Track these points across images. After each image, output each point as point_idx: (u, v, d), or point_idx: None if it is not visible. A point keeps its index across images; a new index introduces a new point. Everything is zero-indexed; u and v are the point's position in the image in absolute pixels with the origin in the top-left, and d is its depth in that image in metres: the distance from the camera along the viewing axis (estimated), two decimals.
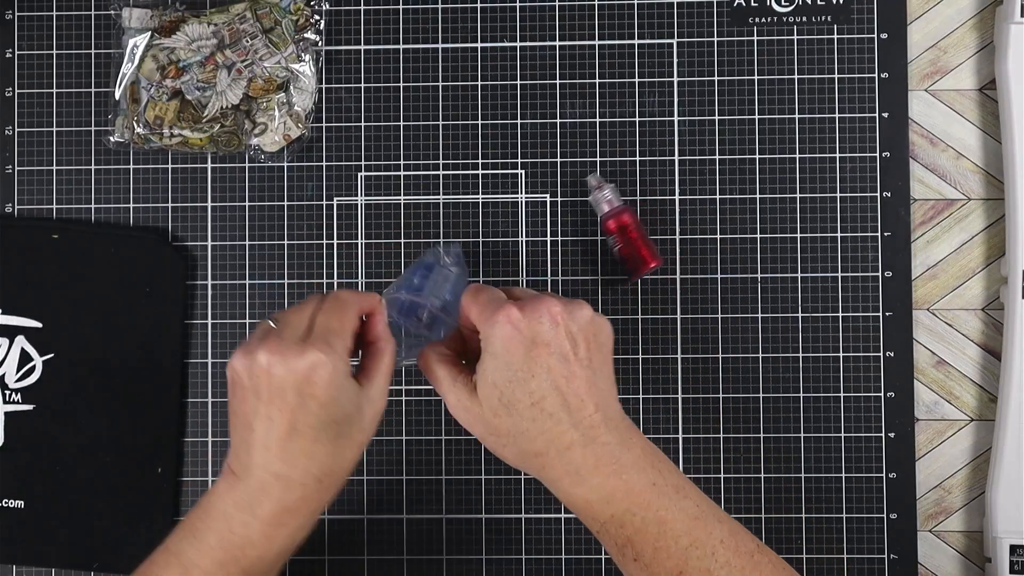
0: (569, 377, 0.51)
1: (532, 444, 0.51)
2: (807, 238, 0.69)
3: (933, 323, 0.69)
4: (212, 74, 0.68)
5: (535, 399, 0.51)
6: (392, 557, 0.69)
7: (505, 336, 0.51)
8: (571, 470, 0.51)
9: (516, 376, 0.51)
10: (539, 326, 0.51)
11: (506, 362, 0.51)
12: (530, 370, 0.50)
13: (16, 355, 0.69)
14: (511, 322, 0.50)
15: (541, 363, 0.50)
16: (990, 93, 0.70)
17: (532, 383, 0.51)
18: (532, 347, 0.50)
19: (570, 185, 0.70)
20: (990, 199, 0.70)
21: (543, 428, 0.51)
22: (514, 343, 0.50)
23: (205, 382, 0.70)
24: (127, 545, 0.68)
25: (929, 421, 0.69)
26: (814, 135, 0.69)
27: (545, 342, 0.50)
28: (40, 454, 0.68)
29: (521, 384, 0.51)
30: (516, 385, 0.51)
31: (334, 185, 0.70)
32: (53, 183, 0.71)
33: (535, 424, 0.51)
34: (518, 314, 0.51)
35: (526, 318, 0.51)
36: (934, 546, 0.69)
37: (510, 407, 0.51)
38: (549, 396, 0.51)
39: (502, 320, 0.51)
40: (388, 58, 0.70)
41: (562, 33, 0.70)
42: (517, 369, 0.51)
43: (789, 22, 0.70)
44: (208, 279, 0.70)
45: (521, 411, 0.51)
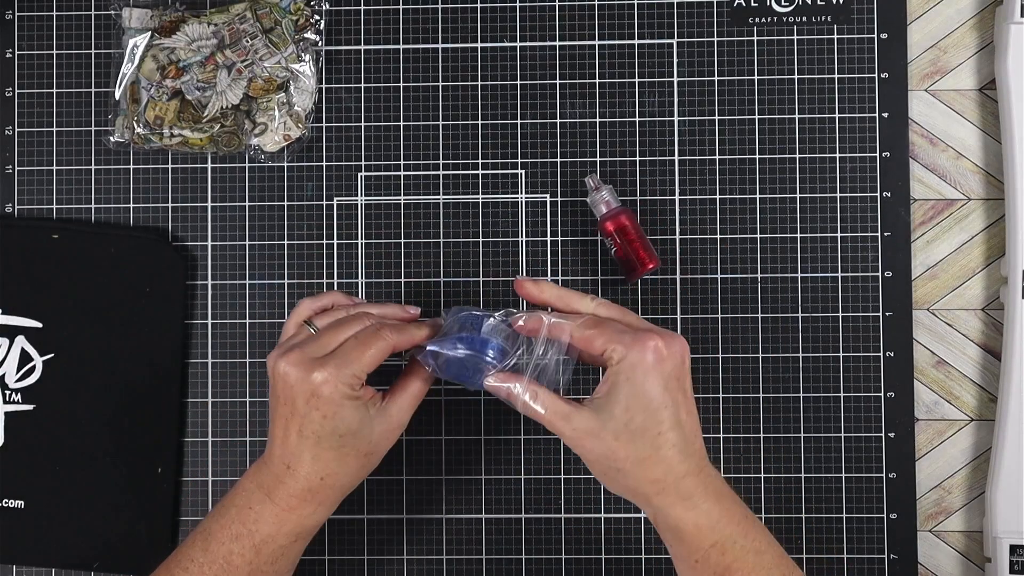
0: (688, 412, 0.55)
1: (651, 471, 0.54)
2: (807, 238, 0.69)
3: (933, 323, 0.69)
4: (212, 74, 0.68)
5: (662, 429, 0.53)
6: (392, 557, 0.69)
7: (649, 365, 0.53)
8: (684, 496, 0.54)
9: (650, 405, 0.53)
10: (676, 361, 0.54)
11: (643, 391, 0.53)
12: (663, 402, 0.53)
13: (16, 355, 0.69)
14: (657, 353, 0.53)
15: (673, 396, 0.54)
16: (990, 93, 0.70)
17: (663, 413, 0.53)
18: (669, 380, 0.54)
19: (570, 185, 0.70)
20: (990, 199, 0.70)
21: (663, 456, 0.54)
22: (655, 373, 0.53)
23: (205, 382, 0.70)
24: (127, 545, 0.68)
25: (929, 421, 0.69)
26: (814, 135, 0.69)
27: (677, 376, 0.54)
28: (40, 454, 0.68)
29: (653, 414, 0.53)
30: (648, 414, 0.53)
31: (334, 185, 0.70)
32: (53, 183, 0.71)
33: (658, 453, 0.54)
34: (663, 344, 0.54)
35: (668, 349, 0.54)
36: (934, 546, 0.69)
37: (636, 433, 0.54)
38: (674, 428, 0.54)
39: (650, 348, 0.53)
40: (388, 58, 0.70)
41: (562, 33, 0.70)
42: (652, 398, 0.53)
43: (789, 22, 0.70)
44: (208, 279, 0.70)
45: (647, 439, 0.54)
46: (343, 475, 0.56)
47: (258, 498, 0.56)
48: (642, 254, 0.66)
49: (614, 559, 0.68)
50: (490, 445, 0.69)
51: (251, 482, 0.57)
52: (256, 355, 0.70)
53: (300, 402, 0.54)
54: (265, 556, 0.56)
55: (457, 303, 0.69)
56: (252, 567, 0.56)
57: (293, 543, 0.57)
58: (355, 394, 0.55)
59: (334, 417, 0.54)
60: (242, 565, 0.56)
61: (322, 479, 0.55)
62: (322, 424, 0.54)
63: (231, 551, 0.56)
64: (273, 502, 0.56)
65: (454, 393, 0.69)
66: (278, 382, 0.55)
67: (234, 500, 0.57)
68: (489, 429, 0.69)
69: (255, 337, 0.70)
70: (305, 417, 0.54)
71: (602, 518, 0.69)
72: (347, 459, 0.55)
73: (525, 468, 0.69)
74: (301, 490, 0.55)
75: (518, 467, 0.69)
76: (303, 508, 0.56)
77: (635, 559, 0.68)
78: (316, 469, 0.55)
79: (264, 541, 0.56)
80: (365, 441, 0.56)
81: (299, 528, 0.56)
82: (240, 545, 0.56)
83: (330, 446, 0.55)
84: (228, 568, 0.56)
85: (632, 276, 0.67)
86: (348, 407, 0.54)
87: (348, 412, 0.54)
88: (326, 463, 0.55)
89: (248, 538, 0.56)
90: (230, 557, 0.56)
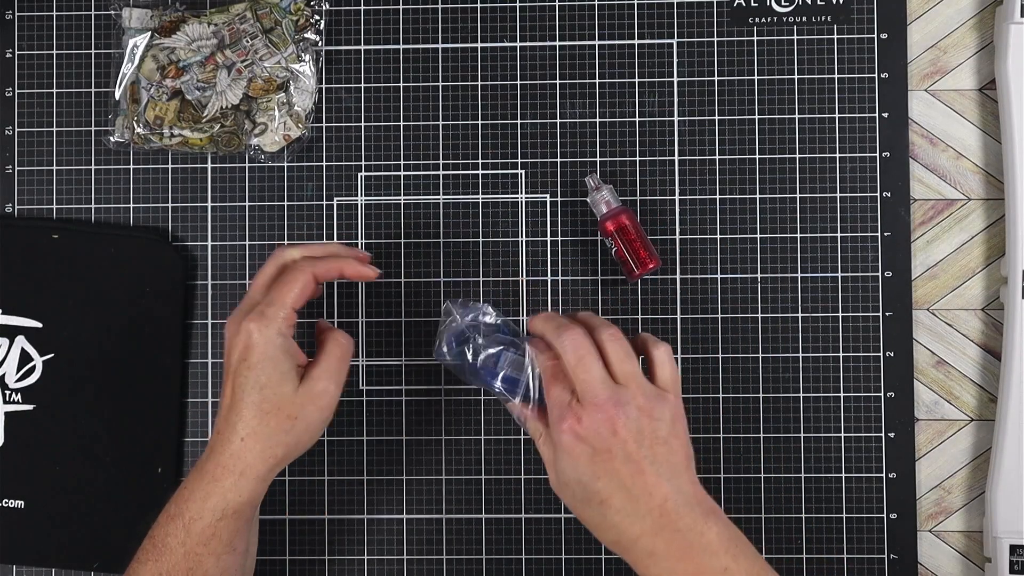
0: (635, 474, 0.53)
1: (606, 534, 0.55)
2: (807, 238, 0.69)
3: (933, 323, 0.69)
4: (212, 74, 0.68)
5: (602, 498, 0.53)
6: (392, 557, 0.69)
7: (569, 445, 0.54)
8: (643, 555, 0.53)
9: (583, 479, 0.54)
10: (597, 436, 0.53)
11: (573, 466, 0.54)
12: (595, 474, 0.53)
13: (16, 355, 0.69)
14: (573, 433, 0.54)
15: (605, 467, 0.53)
16: (990, 93, 0.70)
17: (598, 484, 0.53)
18: (595, 455, 0.53)
19: (570, 185, 0.70)
20: (990, 199, 0.70)
21: (612, 523, 0.54)
22: (578, 451, 0.54)
23: (205, 382, 0.70)
24: (127, 545, 0.68)
25: (929, 421, 0.69)
26: (814, 135, 0.69)
27: (606, 448, 0.53)
28: (40, 454, 0.68)
29: (588, 485, 0.54)
30: (584, 486, 0.54)
31: (334, 185, 0.70)
32: (53, 183, 0.71)
33: (605, 519, 0.54)
34: (577, 426, 0.54)
35: (586, 427, 0.53)
36: (934, 546, 0.69)
37: (583, 503, 0.54)
38: (615, 495, 0.53)
39: (566, 430, 0.54)
40: (388, 58, 0.70)
41: (562, 33, 0.70)
42: (583, 473, 0.54)
43: (789, 22, 0.70)
44: (208, 279, 0.70)
45: (592, 508, 0.54)
46: (263, 437, 0.55)
47: (192, 476, 0.56)
48: (642, 254, 0.66)
49: (614, 559, 0.68)
50: (490, 445, 0.69)
51: (194, 466, 0.58)
52: None
53: (235, 357, 0.56)
54: (195, 536, 0.55)
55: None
56: (185, 548, 0.55)
57: (219, 520, 0.55)
58: (285, 342, 0.56)
59: (259, 366, 0.55)
60: (176, 547, 0.55)
61: (242, 440, 0.55)
62: (247, 376, 0.55)
63: (167, 532, 0.56)
64: (200, 475, 0.56)
65: (454, 393, 0.69)
66: (225, 343, 0.57)
67: (185, 481, 0.57)
68: (489, 429, 0.69)
69: None
70: (236, 372, 0.56)
71: None
72: (267, 418, 0.55)
73: (525, 468, 0.69)
74: (226, 457, 0.55)
75: (518, 467, 0.69)
76: (225, 478, 0.55)
77: None
78: (239, 429, 0.55)
79: (192, 519, 0.55)
80: (287, 400, 0.56)
81: (223, 503, 0.55)
82: (174, 525, 0.56)
83: (252, 401, 0.55)
84: (165, 551, 0.55)
85: (632, 276, 0.67)
86: (273, 356, 0.55)
87: (272, 362, 0.55)
88: (247, 421, 0.55)
89: (179, 517, 0.56)
90: (166, 539, 0.55)
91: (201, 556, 0.55)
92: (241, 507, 0.56)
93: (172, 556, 0.55)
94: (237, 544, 0.57)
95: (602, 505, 0.53)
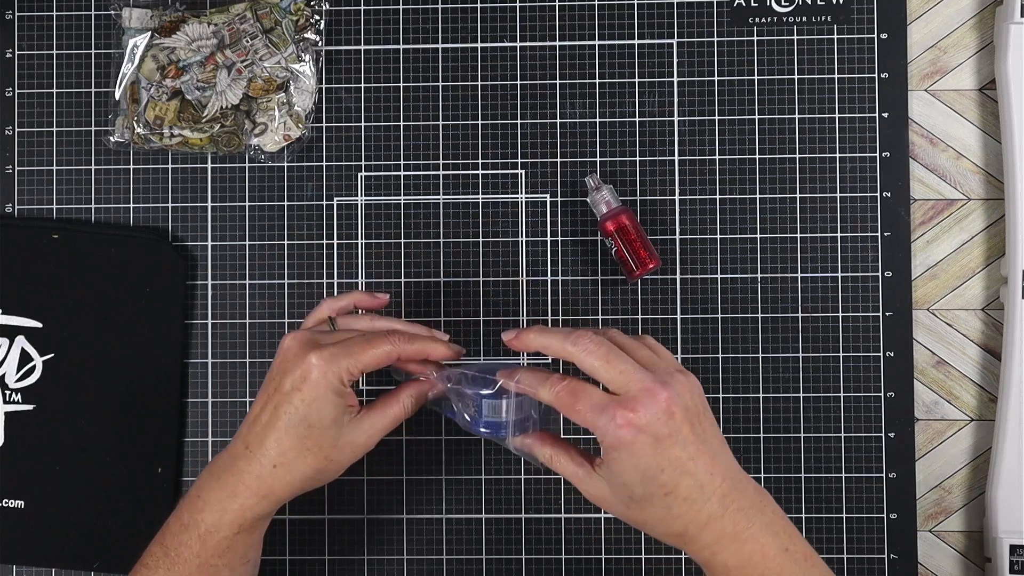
0: (696, 456, 0.52)
1: (671, 527, 0.53)
2: (807, 238, 0.69)
3: (933, 323, 0.69)
4: (212, 74, 0.68)
5: (668, 489, 0.52)
6: (392, 557, 0.69)
7: (629, 440, 0.51)
8: (711, 541, 0.52)
9: (646, 474, 0.52)
10: (656, 422, 0.51)
11: (633, 464, 0.52)
12: (659, 465, 0.52)
13: (16, 355, 0.69)
14: (632, 426, 0.51)
15: (668, 456, 0.52)
16: (990, 93, 0.70)
17: (663, 476, 0.52)
18: (657, 443, 0.51)
19: (570, 185, 0.70)
20: (990, 199, 0.70)
21: (679, 512, 0.52)
22: (640, 444, 0.51)
23: (205, 382, 0.70)
24: (127, 545, 0.68)
25: (929, 421, 0.69)
26: (814, 135, 0.69)
27: (667, 434, 0.51)
28: (40, 454, 0.68)
29: (651, 481, 0.52)
30: (648, 482, 0.52)
31: (334, 185, 0.70)
32: (53, 183, 0.71)
33: (671, 511, 0.52)
34: (633, 416, 0.51)
35: (642, 417, 0.51)
36: (934, 546, 0.69)
37: (643, 502, 0.52)
38: (681, 482, 0.52)
39: (623, 425, 0.51)
40: (388, 58, 0.70)
41: (562, 33, 0.70)
42: (646, 468, 0.52)
43: (789, 22, 0.70)
44: (208, 279, 0.70)
45: (656, 502, 0.52)
46: (295, 470, 0.55)
47: (208, 485, 0.56)
48: (642, 254, 0.66)
49: (614, 559, 0.68)
50: (490, 445, 0.69)
51: (207, 470, 0.57)
52: (256, 355, 0.70)
53: (288, 381, 0.54)
54: (211, 548, 0.55)
55: (457, 303, 0.69)
56: (200, 559, 0.55)
57: (236, 535, 0.55)
58: (341, 389, 0.54)
59: (311, 404, 0.54)
60: (190, 557, 0.55)
61: (274, 467, 0.54)
62: (298, 408, 0.54)
63: (180, 543, 0.55)
64: (219, 487, 0.55)
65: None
66: (278, 357, 0.56)
67: (190, 491, 0.57)
68: None
69: (255, 337, 0.70)
70: (286, 397, 0.54)
71: (602, 518, 0.69)
72: (306, 454, 0.55)
73: (525, 468, 0.69)
74: (250, 476, 0.55)
75: (518, 467, 0.69)
76: (246, 496, 0.55)
77: (635, 559, 0.68)
78: (272, 455, 0.54)
79: (208, 531, 0.55)
80: (330, 442, 0.55)
81: (240, 518, 0.55)
82: (188, 536, 0.55)
83: (296, 434, 0.54)
84: (178, 560, 0.55)
85: (632, 276, 0.67)
86: (328, 399, 0.54)
87: (326, 404, 0.54)
88: (284, 451, 0.54)
89: (194, 528, 0.55)
90: (179, 549, 0.55)
91: (217, 568, 0.55)
92: (258, 522, 0.56)
93: (186, 566, 0.55)
94: (251, 555, 0.57)
95: (668, 496, 0.52)
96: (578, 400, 0.53)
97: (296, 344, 0.55)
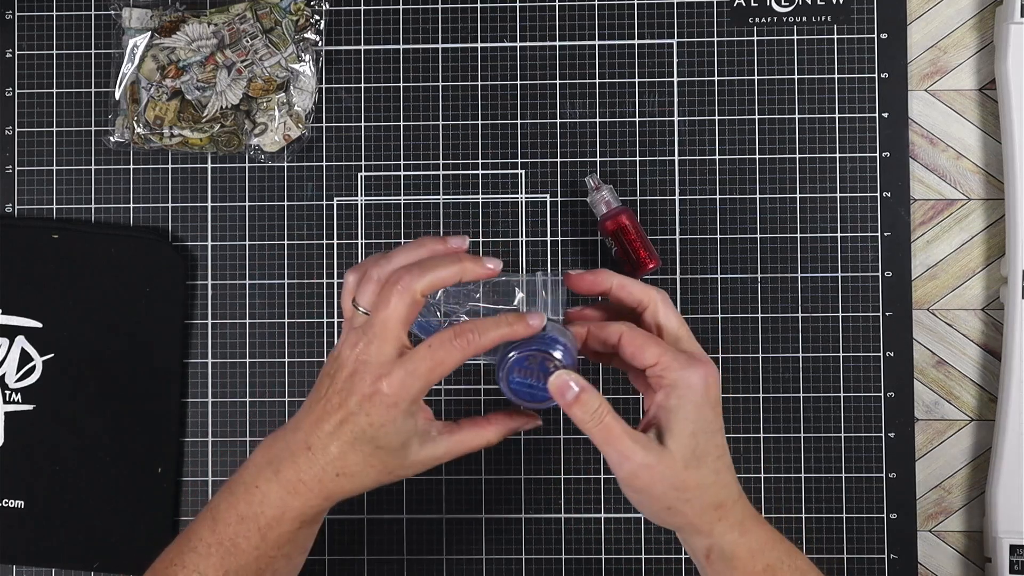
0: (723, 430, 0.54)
1: (715, 496, 0.53)
2: (807, 238, 0.69)
3: (933, 323, 0.69)
4: (212, 74, 0.68)
5: (720, 452, 0.53)
6: (392, 557, 0.69)
7: (706, 389, 0.52)
8: (739, 520, 0.53)
9: (710, 428, 0.52)
10: (717, 387, 0.53)
11: (703, 415, 0.52)
12: (719, 425, 0.53)
13: (16, 355, 0.69)
14: (711, 377, 0.52)
15: (719, 420, 0.53)
16: (990, 93, 0.70)
17: (719, 437, 0.53)
18: (717, 404, 0.53)
19: (570, 185, 0.70)
20: (990, 199, 0.70)
21: (724, 481, 0.53)
22: (711, 397, 0.52)
23: (205, 382, 0.70)
24: (127, 545, 0.68)
25: (929, 421, 0.69)
26: (814, 135, 0.69)
27: (718, 402, 0.53)
28: (40, 454, 0.68)
29: (712, 437, 0.53)
30: (709, 437, 0.52)
31: (334, 185, 0.70)
32: (53, 183, 0.71)
33: (719, 477, 0.53)
34: (711, 376, 0.53)
35: (713, 374, 0.53)
36: (934, 546, 0.69)
37: (701, 459, 0.52)
38: (727, 451, 0.54)
39: (709, 374, 0.52)
40: (388, 58, 0.70)
41: (562, 33, 0.70)
42: (710, 421, 0.52)
43: (789, 22, 0.70)
44: (208, 279, 0.70)
45: (708, 463, 0.52)
46: (358, 480, 0.53)
47: (265, 476, 0.53)
48: (642, 254, 0.66)
49: (614, 559, 0.68)
50: None
51: (262, 456, 0.54)
52: (256, 355, 0.70)
53: (353, 400, 0.51)
54: (271, 541, 0.54)
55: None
56: (259, 552, 0.54)
57: (299, 529, 0.54)
58: (411, 411, 0.52)
59: (380, 428, 0.51)
60: (248, 549, 0.53)
61: (337, 475, 0.53)
62: (365, 429, 0.51)
63: (237, 533, 0.53)
64: (279, 482, 0.53)
65: (454, 394, 0.69)
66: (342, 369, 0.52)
67: (243, 476, 0.54)
68: None
69: (255, 337, 0.70)
70: (352, 414, 0.51)
71: (602, 518, 0.69)
72: (370, 468, 0.53)
73: (525, 468, 0.69)
74: (311, 478, 0.53)
75: (518, 467, 0.69)
76: (308, 496, 0.53)
77: (635, 559, 0.68)
78: (336, 464, 0.52)
79: (269, 525, 0.53)
80: (398, 461, 0.53)
81: (302, 514, 0.54)
82: (246, 527, 0.53)
83: (362, 451, 0.52)
84: (234, 551, 0.53)
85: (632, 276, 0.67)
86: (398, 423, 0.51)
87: (395, 428, 0.52)
88: (349, 463, 0.52)
89: (253, 520, 0.53)
90: (236, 540, 0.53)
91: (275, 559, 0.54)
92: (318, 516, 0.55)
93: (243, 557, 0.54)
94: (308, 544, 0.57)
95: (718, 460, 0.53)
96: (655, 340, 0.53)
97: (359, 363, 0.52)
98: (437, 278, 0.52)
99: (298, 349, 0.70)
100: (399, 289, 0.51)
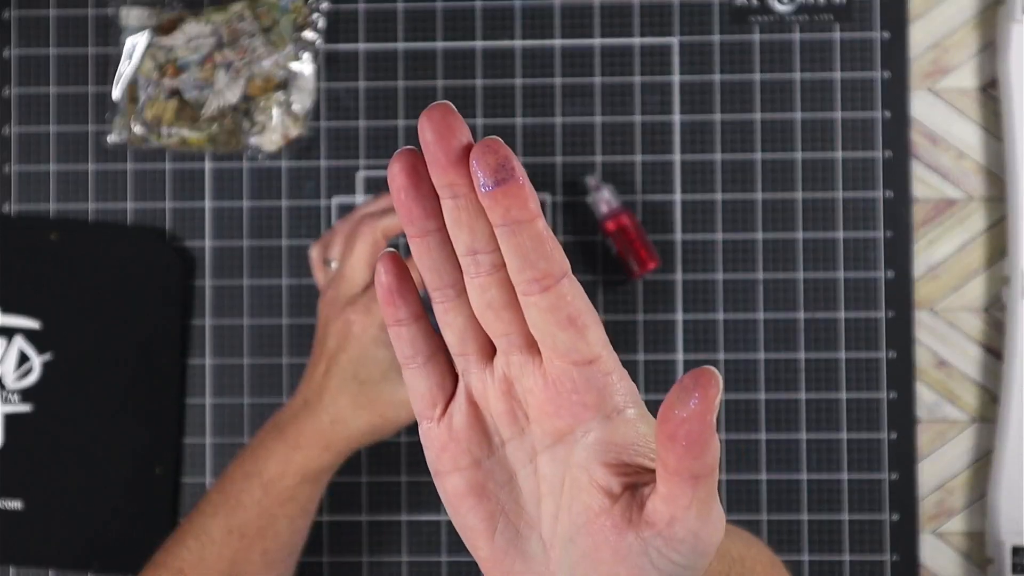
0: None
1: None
2: (808, 238, 0.69)
3: (935, 323, 0.69)
4: (210, 73, 0.68)
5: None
6: (392, 558, 0.69)
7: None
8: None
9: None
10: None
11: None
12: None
13: (15, 355, 0.69)
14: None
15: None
16: (992, 92, 0.69)
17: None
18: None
19: (570, 185, 0.69)
20: (992, 199, 0.69)
21: None
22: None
23: (205, 383, 0.70)
24: (127, 545, 0.68)
25: (931, 422, 0.69)
26: (816, 135, 0.69)
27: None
28: (40, 454, 0.68)
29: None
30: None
31: (333, 185, 0.70)
32: (51, 183, 0.70)
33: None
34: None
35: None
36: (936, 547, 0.69)
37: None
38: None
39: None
40: (388, 58, 0.70)
41: (562, 33, 0.70)
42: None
43: (790, 21, 0.69)
44: (207, 279, 0.70)
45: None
46: (351, 426, 0.56)
47: (271, 436, 0.57)
48: (642, 254, 0.66)
49: None
50: None
51: (269, 422, 0.58)
52: (256, 355, 0.69)
53: (332, 341, 0.56)
54: (273, 496, 0.55)
55: None
56: (261, 507, 0.55)
57: (300, 484, 0.56)
58: (383, 339, 0.55)
59: (358, 361, 0.55)
60: (251, 504, 0.55)
61: (332, 422, 0.56)
62: (346, 367, 0.55)
63: (241, 490, 0.56)
64: (283, 439, 0.56)
65: None
66: (319, 322, 0.58)
67: (251, 442, 0.58)
68: None
69: (254, 337, 0.70)
70: (333, 357, 0.56)
71: None
72: (361, 410, 0.56)
73: None
74: (311, 429, 0.56)
75: None
76: (309, 448, 0.56)
77: None
78: (330, 411, 0.56)
79: (271, 480, 0.55)
80: (384, 398, 0.56)
81: (304, 468, 0.56)
82: (249, 483, 0.56)
83: (349, 392, 0.55)
84: (238, 507, 0.55)
85: (632, 276, 0.67)
86: (372, 352, 0.55)
87: (372, 358, 0.55)
88: (340, 408, 0.56)
89: (256, 476, 0.56)
90: (240, 496, 0.55)
91: (276, 516, 0.56)
92: (321, 473, 0.57)
93: (246, 513, 0.55)
94: (310, 508, 0.58)
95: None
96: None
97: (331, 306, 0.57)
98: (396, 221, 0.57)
99: (298, 349, 0.69)
100: (360, 234, 0.57)
